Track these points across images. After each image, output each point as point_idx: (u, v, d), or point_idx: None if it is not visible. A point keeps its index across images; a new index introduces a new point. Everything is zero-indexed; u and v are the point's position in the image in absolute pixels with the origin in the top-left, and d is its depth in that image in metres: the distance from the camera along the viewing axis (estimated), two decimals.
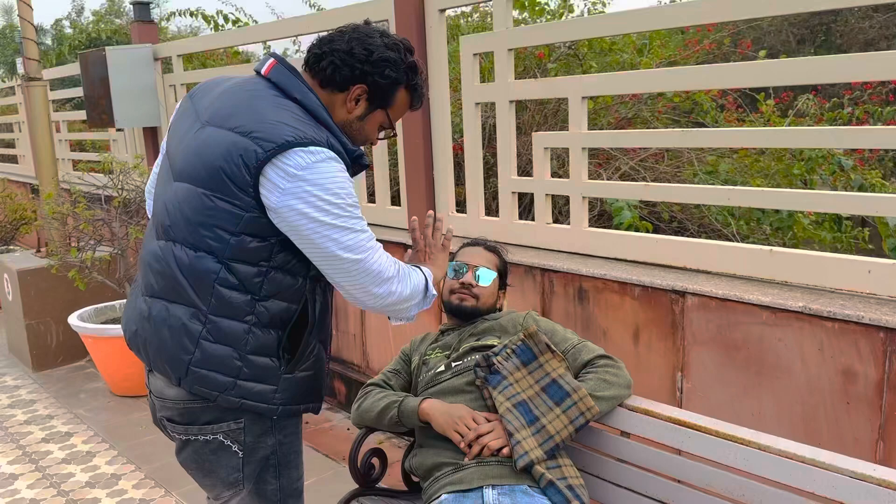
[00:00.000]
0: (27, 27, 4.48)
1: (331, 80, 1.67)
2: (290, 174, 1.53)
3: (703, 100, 5.22)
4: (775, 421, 2.41)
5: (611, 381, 1.93)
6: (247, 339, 1.65)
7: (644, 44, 5.59)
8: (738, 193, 2.59)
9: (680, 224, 4.71)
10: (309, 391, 1.79)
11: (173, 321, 1.65)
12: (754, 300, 2.39)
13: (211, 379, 1.65)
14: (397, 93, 1.73)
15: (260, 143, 1.54)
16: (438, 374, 2.07)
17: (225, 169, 1.56)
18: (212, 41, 5.42)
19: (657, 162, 4.95)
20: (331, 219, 1.56)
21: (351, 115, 1.71)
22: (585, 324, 2.90)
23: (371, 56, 1.65)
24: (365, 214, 3.92)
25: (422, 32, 3.51)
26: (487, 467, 1.79)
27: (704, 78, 2.65)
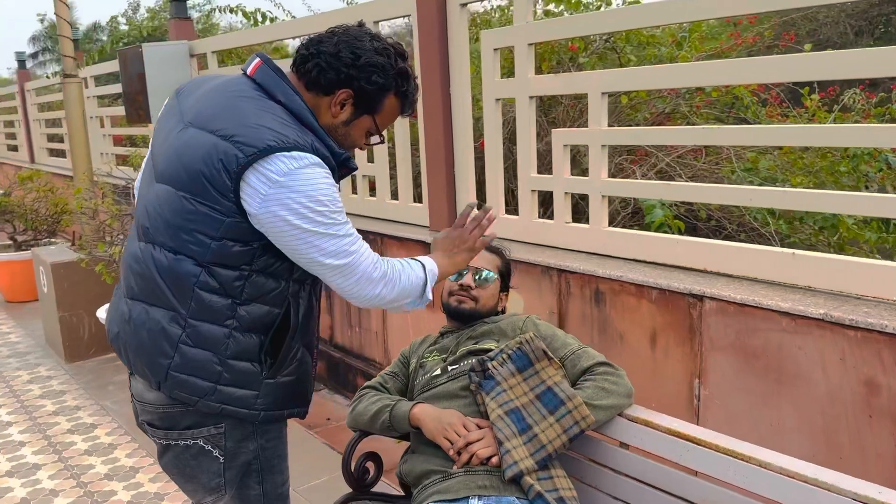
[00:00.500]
0: (63, 25, 4.56)
1: (316, 83, 1.62)
2: (272, 180, 1.49)
3: (744, 94, 5.04)
4: (795, 432, 2.30)
5: (609, 390, 1.85)
6: (227, 344, 1.62)
7: (683, 37, 5.43)
8: (760, 194, 2.48)
9: (718, 223, 4.56)
10: (292, 396, 1.75)
11: (152, 324, 1.63)
12: (773, 306, 2.28)
13: (190, 384, 1.62)
14: (385, 99, 1.67)
15: (241, 147, 1.50)
16: (434, 377, 2.02)
17: (205, 173, 1.53)
18: (245, 37, 5.45)
19: (696, 158, 4.80)
20: (313, 226, 1.53)
21: (336, 119, 1.66)
22: (602, 326, 2.82)
23: (358, 60, 1.60)
24: (387, 211, 3.96)
25: (443, 27, 3.45)
26: (475, 477, 1.74)
27: (732, 71, 2.53)
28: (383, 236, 3.87)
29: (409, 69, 1.69)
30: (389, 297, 1.69)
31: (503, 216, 3.38)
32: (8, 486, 3.28)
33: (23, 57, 10.79)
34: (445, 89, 3.51)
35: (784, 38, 5.65)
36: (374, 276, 1.64)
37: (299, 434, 3.67)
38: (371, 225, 3.97)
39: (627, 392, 1.88)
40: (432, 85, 3.52)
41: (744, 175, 4.38)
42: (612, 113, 5.07)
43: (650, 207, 3.46)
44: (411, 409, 1.92)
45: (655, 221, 3.48)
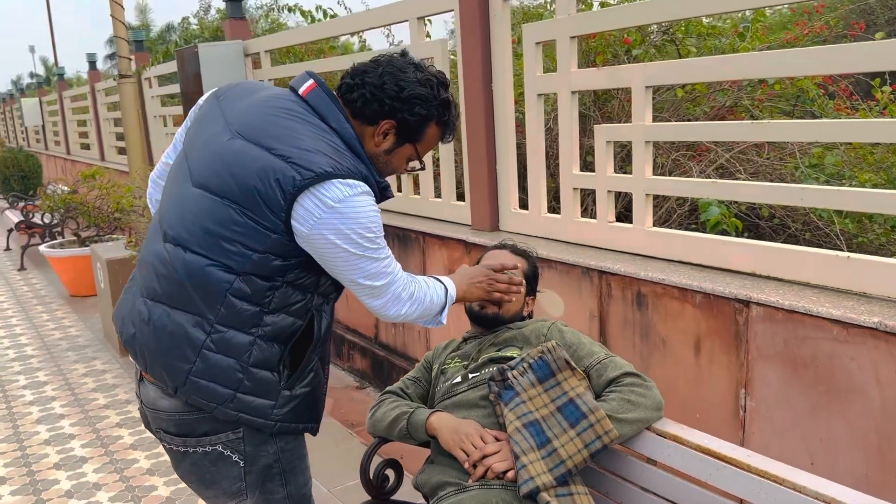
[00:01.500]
0: (118, 26, 4.65)
1: (360, 113, 1.65)
2: (327, 205, 1.52)
3: (809, 87, 4.80)
4: (846, 448, 2.15)
5: (636, 402, 1.74)
6: (251, 352, 1.62)
7: (746, 27, 5.22)
8: (811, 193, 2.32)
9: (781, 222, 4.35)
10: (307, 410, 1.75)
11: (175, 328, 1.61)
12: (824, 313, 2.13)
13: (210, 390, 1.61)
14: (427, 129, 1.71)
15: (298, 169, 1.52)
16: (455, 385, 1.95)
17: (259, 189, 1.53)
18: (296, 36, 5.47)
19: (759, 154, 4.60)
20: (359, 250, 1.58)
21: (378, 148, 1.69)
22: (644, 331, 2.70)
23: (402, 93, 1.63)
24: (430, 209, 3.90)
25: (485, 22, 3.37)
26: (490, 491, 1.66)
27: (790, 62, 2.35)
28: (425, 235, 3.82)
29: (450, 99, 1.72)
30: (413, 315, 1.76)
31: (545, 216, 3.28)
32: (55, 477, 3.36)
33: (94, 58, 11.14)
34: (487, 85, 3.43)
35: (853, 27, 5.35)
36: (402, 295, 1.71)
37: (340, 433, 3.66)
38: (414, 223, 3.92)
39: (656, 405, 1.77)
40: (474, 81, 3.45)
41: (808, 171, 4.16)
42: (670, 107, 4.91)
43: (706, 205, 3.30)
44: (428, 417, 1.85)
45: (711, 220, 3.32)
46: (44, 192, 7.11)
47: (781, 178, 4.35)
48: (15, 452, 3.65)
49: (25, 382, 4.65)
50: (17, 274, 7.95)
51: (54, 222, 7.68)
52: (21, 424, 3.98)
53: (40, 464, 3.51)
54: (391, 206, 4.30)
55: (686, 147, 4.60)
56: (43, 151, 15.40)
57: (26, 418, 4.07)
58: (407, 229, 3.95)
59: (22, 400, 4.36)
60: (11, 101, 19.61)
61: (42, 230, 8.02)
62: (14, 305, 6.62)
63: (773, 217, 4.26)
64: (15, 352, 5.30)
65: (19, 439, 3.80)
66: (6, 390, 4.53)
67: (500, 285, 2.00)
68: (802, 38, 5.38)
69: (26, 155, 11.18)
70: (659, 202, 4.33)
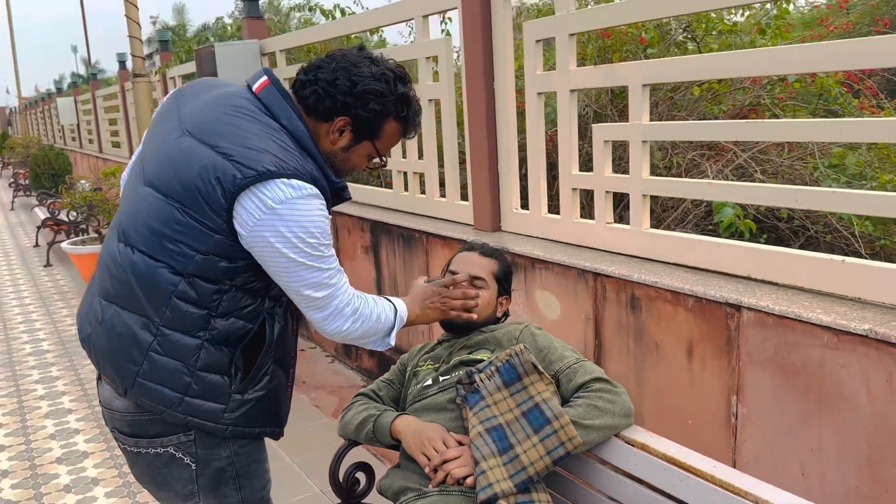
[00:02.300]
0: (132, 26, 4.70)
1: (314, 110, 1.60)
2: (268, 206, 1.47)
3: (831, 84, 4.67)
4: (837, 458, 2.07)
5: (603, 409, 1.69)
6: (198, 355, 1.58)
7: (767, 24, 5.10)
8: (805, 195, 2.24)
9: (801, 224, 4.24)
10: (263, 414, 1.69)
11: (123, 328, 1.59)
12: (814, 319, 2.06)
13: (158, 392, 1.58)
14: (384, 125, 1.64)
15: (240, 168, 1.47)
16: (425, 387, 1.92)
17: (199, 187, 1.49)
18: (310, 35, 5.47)
19: (779, 154, 4.49)
20: (300, 256, 1.52)
21: (335, 146, 1.64)
22: (638, 334, 2.64)
23: (354, 88, 1.57)
24: (435, 209, 3.87)
25: (487, 20, 3.33)
26: (449, 497, 1.63)
27: (801, 58, 2.24)
28: (428, 235, 3.79)
29: (408, 94, 1.64)
30: (355, 334, 1.68)
31: (544, 216, 3.23)
32: (56, 472, 3.40)
33: (123, 58, 11.30)
34: (489, 84, 3.39)
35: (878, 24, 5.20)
36: (345, 311, 1.64)
37: None
38: (419, 223, 3.89)
39: (625, 411, 1.72)
40: (476, 79, 3.41)
41: (828, 172, 4.05)
42: (687, 106, 4.82)
43: (719, 206, 3.20)
44: (393, 421, 1.82)
45: (724, 221, 3.23)
46: (65, 190, 7.21)
47: (801, 179, 4.24)
48: (20, 446, 3.70)
49: (38, 377, 4.73)
50: (42, 270, 8.10)
51: (80, 219, 7.80)
52: (29, 419, 4.04)
53: (43, 458, 3.55)
54: (397, 206, 4.28)
55: (706, 147, 4.51)
56: (77, 149, 15.70)
57: (35, 412, 4.13)
58: (411, 229, 3.92)
59: (33, 394, 4.42)
60: (50, 101, 20.02)
61: (68, 227, 8.16)
62: (36, 301, 6.74)
63: (792, 219, 4.15)
64: (32, 346, 5.39)
65: (26, 433, 3.85)
66: (19, 385, 4.60)
67: (455, 302, 1.90)
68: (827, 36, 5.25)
69: (57, 153, 11.40)
70: (675, 203, 4.25)
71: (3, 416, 4.09)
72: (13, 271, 8.13)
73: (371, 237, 4.38)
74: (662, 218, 4.29)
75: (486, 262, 2.08)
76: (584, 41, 4.79)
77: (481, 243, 2.16)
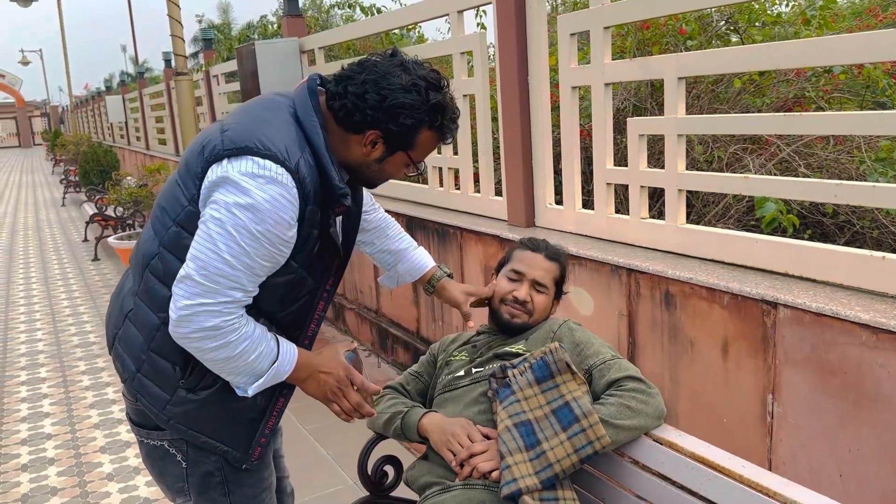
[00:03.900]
0: (175, 25, 4.78)
1: (344, 122, 1.55)
2: (226, 171, 1.42)
3: (879, 76, 4.55)
4: (875, 461, 2.02)
5: (636, 409, 1.67)
6: (155, 336, 1.55)
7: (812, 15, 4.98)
8: (846, 189, 2.19)
9: (847, 219, 4.15)
10: (212, 424, 1.60)
11: (119, 291, 1.67)
12: (852, 317, 2.01)
13: (122, 360, 1.61)
14: (417, 136, 1.56)
15: (226, 139, 1.47)
16: (457, 378, 1.91)
17: (189, 155, 1.52)
18: (348, 32, 5.50)
19: (823, 147, 4.39)
20: (217, 228, 1.40)
21: (368, 157, 1.58)
22: (672, 332, 2.61)
23: (384, 102, 1.50)
24: (469, 204, 3.87)
25: (521, 14, 3.31)
26: (472, 492, 1.63)
27: (843, 48, 2.19)
28: (462, 230, 3.79)
29: (442, 101, 1.56)
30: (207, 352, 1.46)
31: (579, 211, 3.21)
32: (99, 461, 3.50)
33: (168, 56, 11.51)
34: (523, 78, 3.37)
35: None
36: (206, 325, 1.42)
37: None
38: (453, 218, 3.89)
39: (657, 413, 1.69)
40: (510, 74, 3.40)
41: (875, 166, 3.94)
42: (729, 98, 4.74)
43: (761, 202, 3.15)
44: (421, 418, 1.83)
45: (766, 217, 3.17)
46: (111, 186, 7.38)
47: (847, 173, 4.14)
48: (66, 435, 3.81)
49: (84, 368, 4.86)
50: (90, 264, 8.30)
51: (126, 215, 7.98)
52: (75, 409, 4.15)
53: (87, 447, 3.65)
54: (432, 201, 4.28)
55: (749, 140, 4.43)
56: (125, 146, 16.05)
57: (80, 402, 4.24)
58: (446, 224, 3.93)
59: (79, 385, 4.55)
60: (100, 99, 20.51)
61: (115, 222, 8.36)
62: (84, 294, 6.92)
63: (837, 214, 4.06)
64: (79, 338, 5.54)
65: (71, 422, 3.96)
66: (66, 375, 4.74)
67: (345, 403, 1.63)
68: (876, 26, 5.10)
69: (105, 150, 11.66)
70: (716, 198, 4.18)
71: (51, 406, 4.22)
72: (63, 265, 8.36)
73: (407, 232, 4.39)
74: (703, 213, 4.23)
75: (551, 267, 2.02)
76: (622, 34, 4.74)
77: (545, 245, 2.06)
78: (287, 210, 1.44)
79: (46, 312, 6.33)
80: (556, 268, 2.05)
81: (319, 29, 8.38)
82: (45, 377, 4.73)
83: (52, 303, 6.65)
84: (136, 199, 6.85)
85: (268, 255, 1.45)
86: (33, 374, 4.78)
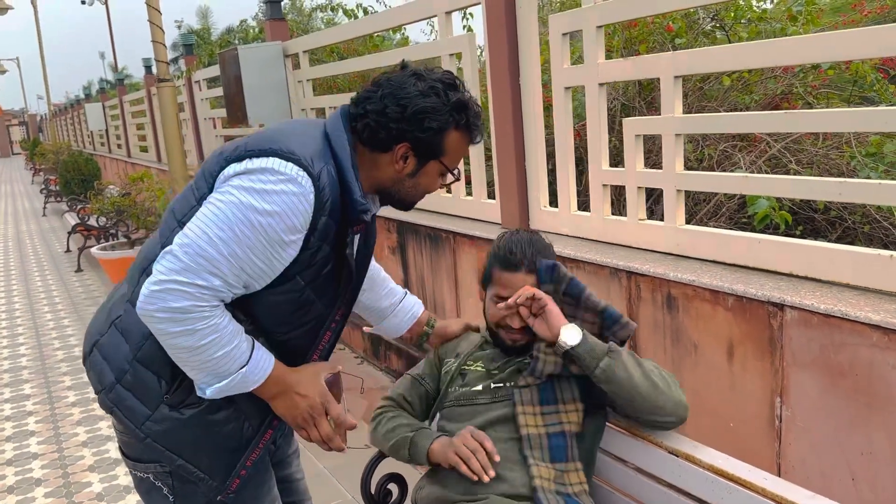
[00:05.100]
0: (156, 31, 4.69)
1: (370, 142, 1.51)
2: (244, 166, 1.39)
3: (867, 71, 4.54)
4: (889, 464, 1.98)
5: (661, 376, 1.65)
6: (143, 345, 1.48)
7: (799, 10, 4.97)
8: (850, 187, 2.15)
9: (838, 215, 4.13)
10: (192, 447, 1.51)
11: (115, 297, 1.59)
12: (862, 317, 1.96)
13: (100, 368, 1.53)
14: (446, 139, 1.52)
15: (249, 142, 1.44)
16: (476, 392, 1.80)
17: (206, 162, 1.49)
18: (329, 35, 5.43)
19: (813, 143, 4.37)
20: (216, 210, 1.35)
21: (402, 174, 1.54)
22: (675, 335, 2.56)
23: (406, 112, 1.47)
24: (461, 208, 3.80)
25: (511, 14, 3.26)
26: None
27: (831, 45, 2.19)
28: (455, 234, 3.73)
29: (463, 99, 1.53)
30: (170, 340, 1.37)
31: (574, 213, 3.16)
32: (88, 480, 3.41)
33: (149, 63, 11.38)
34: (515, 79, 3.32)
35: None
36: (173, 304, 1.33)
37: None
38: (445, 222, 3.84)
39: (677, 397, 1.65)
40: (501, 75, 3.34)
41: (866, 161, 3.93)
42: (717, 96, 4.71)
43: (753, 198, 3.12)
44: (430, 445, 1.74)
45: (759, 213, 3.14)
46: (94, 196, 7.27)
47: (838, 169, 4.12)
48: (53, 454, 3.72)
49: (70, 383, 4.75)
50: (73, 275, 8.18)
51: (109, 225, 7.86)
52: (62, 426, 4.06)
53: (75, 465, 3.56)
54: (423, 205, 4.21)
55: (738, 138, 4.40)
56: (107, 155, 15.88)
57: (67, 420, 4.15)
58: (438, 229, 3.87)
59: (65, 401, 4.45)
60: (79, 107, 20.29)
61: (98, 232, 8.23)
62: (68, 306, 6.79)
63: (828, 210, 4.04)
64: (64, 353, 5.43)
65: (58, 440, 3.87)
66: (51, 391, 4.63)
67: (314, 433, 1.55)
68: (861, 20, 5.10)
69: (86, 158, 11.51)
70: (707, 196, 4.15)
71: (37, 424, 4.12)
72: (45, 277, 8.22)
73: (398, 237, 4.34)
74: (694, 212, 4.20)
75: (535, 280, 1.79)
76: (609, 33, 4.70)
77: (521, 254, 1.79)
78: (298, 212, 1.38)
79: (29, 326, 6.22)
80: (550, 286, 1.81)
81: (302, 33, 8.29)
82: (29, 394, 4.62)
83: (34, 316, 6.53)
84: (119, 209, 6.74)
85: (261, 254, 1.38)
86: (17, 391, 4.68)
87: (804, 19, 4.72)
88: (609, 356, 1.61)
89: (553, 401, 1.70)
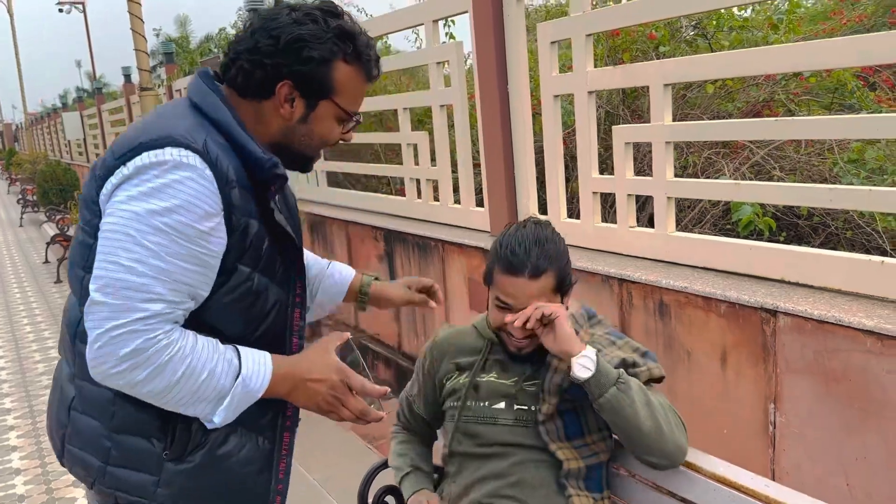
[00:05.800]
0: (138, 39, 4.65)
1: (247, 89, 1.32)
2: (122, 173, 1.21)
3: (847, 79, 4.59)
4: (884, 468, 1.99)
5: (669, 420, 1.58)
6: (113, 412, 1.28)
7: (780, 20, 5.03)
8: (840, 193, 2.17)
9: (821, 220, 4.16)
10: (223, 494, 1.35)
11: (61, 380, 1.39)
12: (856, 323, 1.98)
13: (82, 460, 1.33)
14: (334, 73, 1.32)
15: (113, 151, 1.25)
16: (498, 411, 1.70)
17: (84, 192, 1.31)
18: None
19: (796, 150, 4.42)
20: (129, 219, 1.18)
21: (291, 120, 1.34)
22: (667, 342, 2.56)
23: (279, 43, 1.28)
24: (449, 216, 3.79)
25: (499, 22, 3.26)
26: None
27: (816, 53, 2.22)
28: (444, 242, 3.72)
29: (346, 25, 1.33)
30: (143, 389, 1.20)
31: (564, 221, 3.16)
32: (73, 496, 3.35)
33: (128, 71, 11.30)
34: (503, 87, 3.32)
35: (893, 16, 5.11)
36: (122, 350, 1.15)
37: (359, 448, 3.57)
38: (433, 231, 3.82)
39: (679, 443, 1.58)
40: (489, 83, 3.34)
41: (848, 167, 3.97)
42: (700, 103, 4.75)
43: (737, 205, 3.15)
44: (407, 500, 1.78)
45: (743, 220, 3.17)
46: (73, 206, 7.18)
47: (820, 175, 4.17)
48: (36, 469, 3.65)
49: None
50: (53, 286, 8.06)
51: None
52: (44, 441, 3.98)
53: (59, 481, 3.50)
54: (411, 214, 4.21)
55: (721, 145, 4.44)
56: (85, 164, 15.70)
57: None
58: (426, 237, 3.86)
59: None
60: (56, 116, 20.07)
61: None
62: (48, 318, 6.70)
63: (811, 216, 4.08)
64: (44, 366, 5.34)
65: (41, 455, 3.80)
66: (32, 405, 4.55)
67: (346, 413, 1.36)
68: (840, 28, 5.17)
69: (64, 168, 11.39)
70: (692, 203, 4.18)
71: (18, 439, 4.04)
72: (24, 289, 8.10)
73: (385, 246, 4.32)
74: (679, 218, 4.22)
75: (540, 285, 1.60)
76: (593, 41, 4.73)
77: (524, 256, 1.60)
78: (202, 195, 1.21)
79: (8, 339, 6.11)
80: (549, 278, 1.62)
81: None
82: (9, 408, 4.54)
83: (13, 328, 6.42)
84: None
85: (188, 255, 1.20)
86: None
87: (785, 28, 4.78)
88: (617, 386, 1.51)
89: (579, 433, 1.65)
